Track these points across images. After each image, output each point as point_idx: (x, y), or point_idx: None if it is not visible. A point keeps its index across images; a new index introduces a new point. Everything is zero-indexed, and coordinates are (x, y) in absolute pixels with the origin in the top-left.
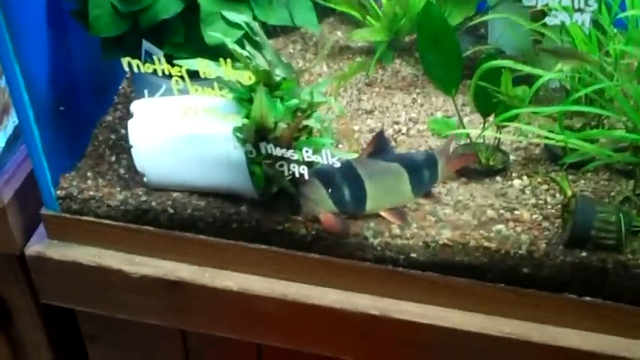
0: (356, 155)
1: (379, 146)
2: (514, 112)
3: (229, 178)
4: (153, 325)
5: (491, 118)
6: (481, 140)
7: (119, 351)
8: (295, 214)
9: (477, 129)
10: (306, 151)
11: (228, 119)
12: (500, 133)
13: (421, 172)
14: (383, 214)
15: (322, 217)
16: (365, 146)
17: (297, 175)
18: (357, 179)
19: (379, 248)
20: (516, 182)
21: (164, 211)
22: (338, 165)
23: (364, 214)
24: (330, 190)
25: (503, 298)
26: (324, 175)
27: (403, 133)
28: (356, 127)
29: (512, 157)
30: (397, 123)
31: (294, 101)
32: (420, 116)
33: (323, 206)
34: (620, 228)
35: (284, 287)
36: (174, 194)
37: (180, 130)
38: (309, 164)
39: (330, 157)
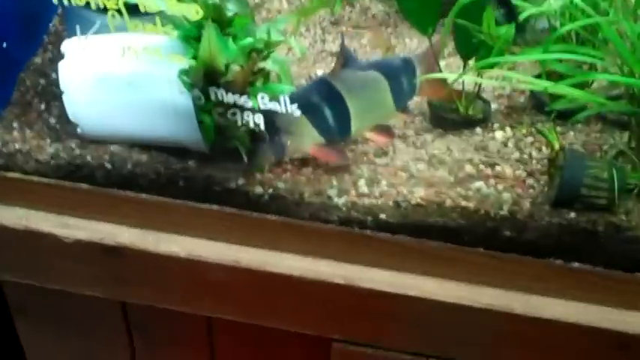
0: None
1: (348, 56)
2: (498, 57)
3: (175, 128)
4: (90, 297)
5: (471, 62)
6: (459, 86)
7: (52, 325)
8: (252, 167)
9: (455, 74)
10: (262, 98)
11: (172, 60)
12: (481, 78)
13: (400, 79)
14: (369, 135)
15: (313, 151)
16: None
17: (251, 125)
18: (336, 96)
19: (344, 209)
20: (498, 134)
21: (100, 167)
22: (312, 85)
23: (350, 137)
24: (311, 116)
25: (482, 264)
26: (299, 100)
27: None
28: (320, 72)
29: (493, 106)
30: None
31: (249, 40)
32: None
33: (308, 138)
34: (612, 185)
35: (237, 253)
36: (112, 147)
37: (118, 73)
38: (266, 113)
39: (289, 105)
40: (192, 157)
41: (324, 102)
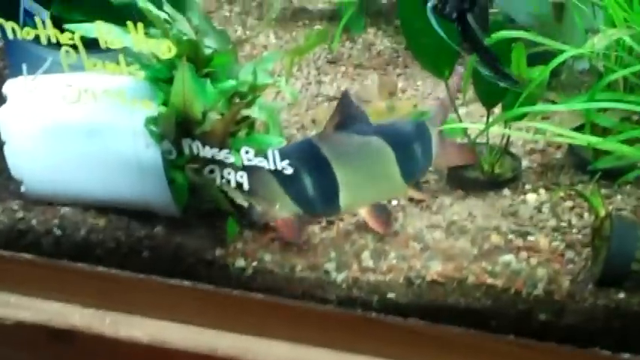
0: None
1: (347, 113)
2: (529, 106)
3: (139, 187)
4: None
5: (497, 110)
6: (483, 140)
7: None
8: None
9: (479, 124)
10: (246, 152)
11: (138, 106)
12: (510, 129)
13: (411, 146)
14: (363, 214)
15: (278, 223)
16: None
17: (232, 184)
18: (321, 163)
19: (345, 286)
20: (530, 197)
21: (48, 233)
22: (294, 146)
23: (339, 213)
24: (286, 183)
25: (513, 355)
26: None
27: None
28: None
29: (524, 163)
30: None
31: (230, 83)
32: (402, 106)
33: (279, 207)
34: None
35: (213, 339)
36: (63, 209)
37: (72, 121)
38: (251, 170)
39: (279, 161)
40: (160, 223)
41: (305, 169)
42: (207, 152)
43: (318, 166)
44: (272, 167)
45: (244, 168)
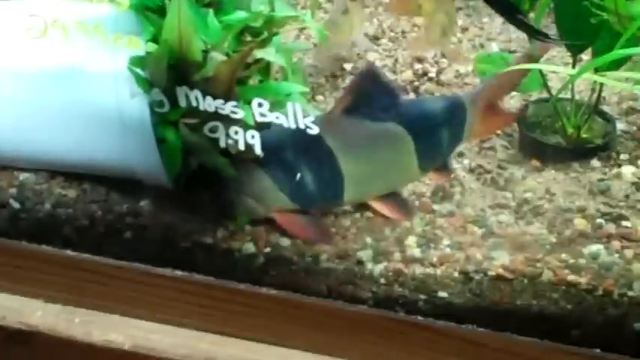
0: None
1: (363, 95)
2: (628, 50)
3: (120, 149)
4: None
5: (585, 57)
6: (567, 94)
7: None
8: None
9: (565, 69)
10: (259, 105)
11: (120, 43)
12: (602, 80)
13: (438, 132)
14: (373, 204)
15: (277, 217)
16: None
17: (240, 146)
18: (323, 154)
19: (383, 281)
20: (627, 170)
21: (3, 206)
22: (292, 130)
23: (341, 205)
24: (278, 175)
25: None
26: (266, 148)
27: (430, 78)
28: (347, 66)
29: (620, 126)
30: (420, 60)
31: (240, 15)
32: (461, 48)
33: (267, 200)
34: None
35: (213, 346)
36: (22, 176)
37: (34, 62)
38: (262, 127)
39: (301, 117)
40: (146, 195)
41: (303, 159)
42: (209, 104)
43: (319, 157)
44: (293, 125)
45: (257, 126)
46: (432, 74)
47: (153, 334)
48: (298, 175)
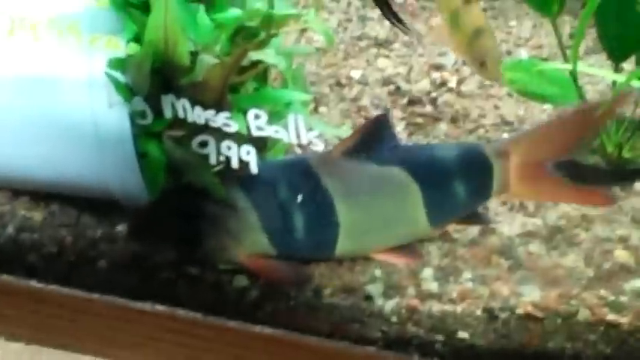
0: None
1: (370, 139)
2: None
3: (95, 165)
4: None
5: (628, 66)
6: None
7: None
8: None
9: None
10: (256, 117)
11: (97, 44)
12: None
13: (448, 182)
14: (375, 257)
15: (246, 260)
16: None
17: (233, 164)
18: (318, 196)
19: (395, 319)
20: None
21: None
22: (288, 163)
23: (331, 258)
24: (265, 212)
25: None
26: (253, 183)
27: (450, 89)
28: (355, 74)
29: None
30: (438, 68)
31: (234, 12)
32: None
33: (247, 243)
34: None
35: None
36: None
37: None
38: (259, 143)
39: (304, 131)
40: (124, 218)
41: (295, 200)
42: (198, 115)
43: (313, 199)
44: (293, 140)
45: (251, 139)
46: (452, 84)
47: None
48: (299, 197)
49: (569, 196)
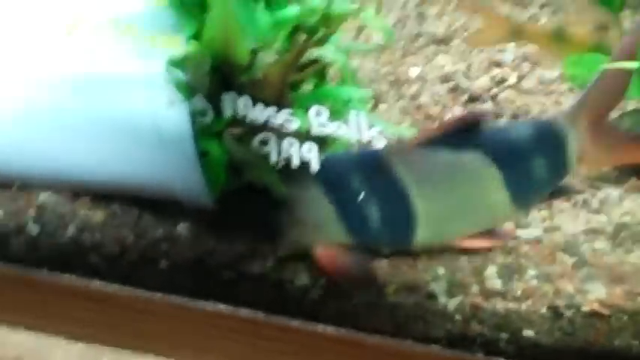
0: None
1: (454, 134)
2: None
3: (155, 165)
4: None
5: None
6: None
7: None
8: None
9: None
10: (317, 114)
11: (156, 43)
12: None
13: (528, 160)
14: (463, 244)
15: (318, 253)
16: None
17: (294, 162)
18: (393, 186)
19: (459, 317)
20: None
21: (20, 231)
22: (361, 155)
23: (410, 248)
24: (340, 202)
25: None
26: (328, 174)
27: (510, 86)
28: (414, 71)
29: None
30: (498, 65)
31: (294, 9)
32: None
33: (324, 234)
34: None
35: None
36: (42, 196)
37: (56, 67)
38: (318, 142)
39: (364, 129)
40: (186, 218)
41: (371, 190)
42: (259, 113)
43: (388, 189)
44: (356, 136)
45: (312, 137)
46: (512, 80)
47: None
48: (362, 195)
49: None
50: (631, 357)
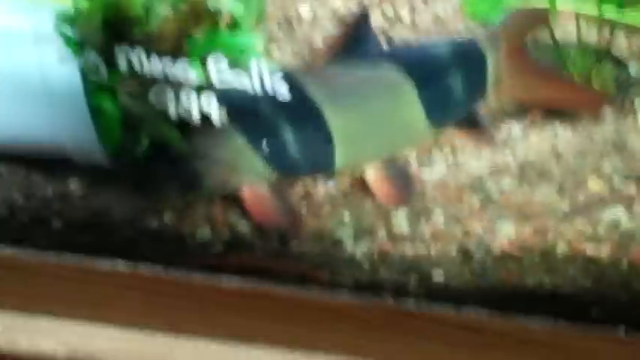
0: None
1: (355, 42)
2: None
3: (46, 122)
4: None
5: None
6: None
7: None
8: (189, 192)
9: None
10: (215, 62)
11: None
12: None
13: (444, 75)
14: (369, 175)
15: (246, 193)
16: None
17: (194, 113)
18: (306, 106)
19: (367, 263)
20: None
21: None
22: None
23: (333, 174)
24: (254, 136)
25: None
26: (238, 107)
27: (403, 22)
28: (304, 10)
29: (634, 70)
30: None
31: None
32: None
33: (244, 170)
34: None
35: (164, 348)
36: None
37: None
38: (220, 92)
39: (263, 74)
40: (79, 176)
41: (283, 115)
42: (154, 65)
43: (301, 110)
44: (256, 87)
45: (211, 87)
46: (405, 18)
47: (91, 338)
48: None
49: (562, 90)
50: (543, 294)
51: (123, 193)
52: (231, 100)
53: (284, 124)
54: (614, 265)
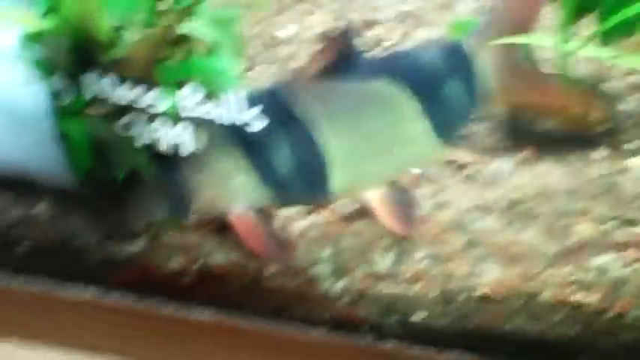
0: None
1: (341, 53)
2: None
3: (12, 146)
4: None
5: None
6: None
7: None
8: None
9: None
10: (190, 89)
11: (9, 20)
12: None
13: (443, 84)
14: (372, 202)
15: (234, 220)
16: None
17: (164, 145)
18: (299, 128)
19: (345, 300)
20: (637, 162)
21: None
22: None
23: (330, 200)
24: (252, 155)
25: None
26: (218, 134)
27: (387, 46)
28: (287, 31)
29: (625, 107)
30: (374, 24)
31: None
32: (428, 5)
33: (236, 193)
34: None
35: None
36: None
37: None
38: (195, 119)
39: (244, 108)
40: (45, 199)
41: (277, 135)
42: (123, 93)
43: (293, 131)
44: (232, 118)
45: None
46: (390, 41)
47: None
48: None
49: (554, 95)
50: (527, 340)
51: (94, 220)
52: (208, 127)
53: (274, 148)
54: (600, 314)
